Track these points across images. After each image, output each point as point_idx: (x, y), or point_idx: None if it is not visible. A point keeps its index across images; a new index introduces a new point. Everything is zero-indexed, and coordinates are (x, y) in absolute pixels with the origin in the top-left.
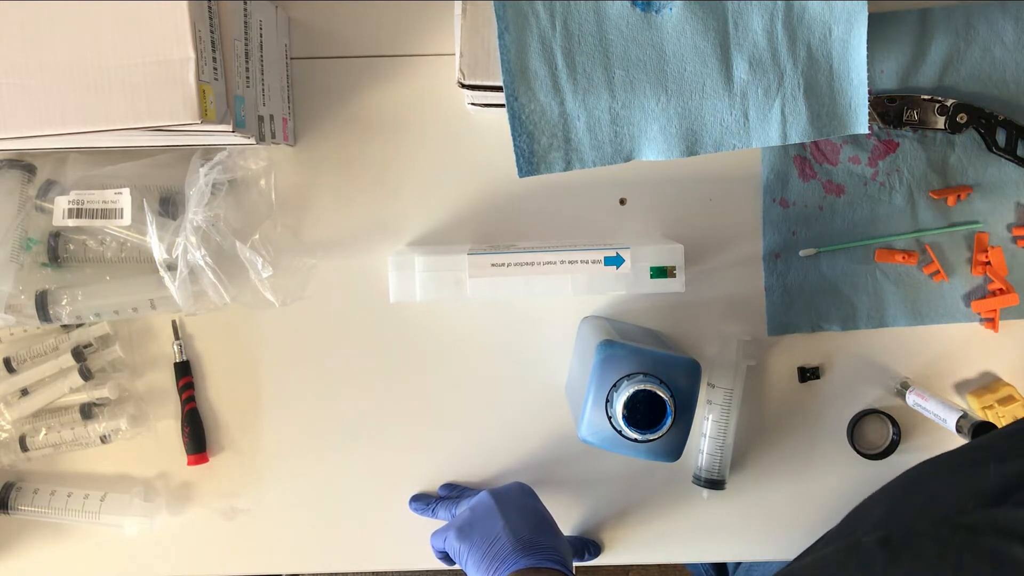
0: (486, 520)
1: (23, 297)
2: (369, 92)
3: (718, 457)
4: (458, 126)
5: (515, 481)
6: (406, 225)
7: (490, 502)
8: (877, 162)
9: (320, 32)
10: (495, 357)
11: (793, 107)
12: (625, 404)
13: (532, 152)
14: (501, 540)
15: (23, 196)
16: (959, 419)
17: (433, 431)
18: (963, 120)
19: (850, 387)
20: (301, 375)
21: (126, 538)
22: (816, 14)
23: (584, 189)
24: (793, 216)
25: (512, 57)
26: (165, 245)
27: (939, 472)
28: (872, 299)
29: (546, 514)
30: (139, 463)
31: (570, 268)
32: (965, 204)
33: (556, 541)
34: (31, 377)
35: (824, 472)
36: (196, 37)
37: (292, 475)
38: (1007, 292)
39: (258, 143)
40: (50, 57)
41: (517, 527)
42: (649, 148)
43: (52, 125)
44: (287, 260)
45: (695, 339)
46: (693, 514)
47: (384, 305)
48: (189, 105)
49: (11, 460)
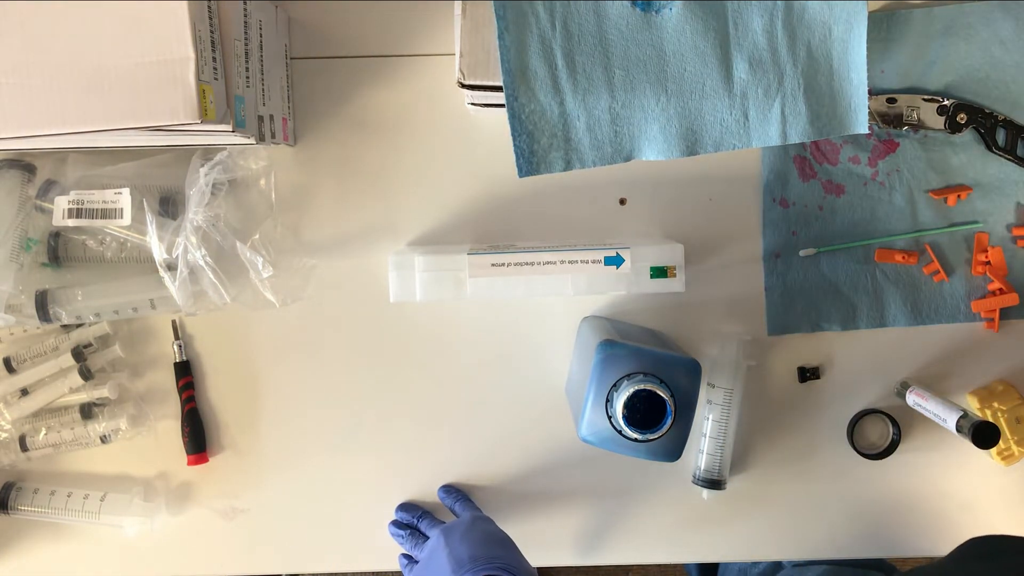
0: (433, 557)
1: (23, 297)
2: (369, 92)
3: (718, 457)
4: (458, 126)
5: (470, 514)
6: (406, 225)
7: (438, 539)
8: (877, 162)
9: (320, 32)
10: (495, 357)
11: (793, 107)
12: (625, 404)
13: (532, 152)
14: (444, 568)
15: (23, 196)
16: (959, 419)
17: (433, 430)
18: (963, 120)
19: (850, 387)
20: (301, 375)
21: (126, 538)
22: (816, 14)
23: (584, 189)
24: (793, 216)
25: (512, 57)
26: (165, 245)
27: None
28: (872, 299)
29: (497, 533)
30: (139, 463)
31: (570, 268)
32: (965, 204)
33: (503, 552)
34: (31, 377)
35: (824, 472)
36: (196, 37)
37: (292, 475)
38: (1007, 292)
39: (258, 143)
40: (50, 57)
41: (458, 551)
42: (649, 148)
43: (52, 125)
44: (287, 260)
45: (695, 339)
46: (693, 514)
47: (384, 305)
48: (189, 105)
49: (11, 460)
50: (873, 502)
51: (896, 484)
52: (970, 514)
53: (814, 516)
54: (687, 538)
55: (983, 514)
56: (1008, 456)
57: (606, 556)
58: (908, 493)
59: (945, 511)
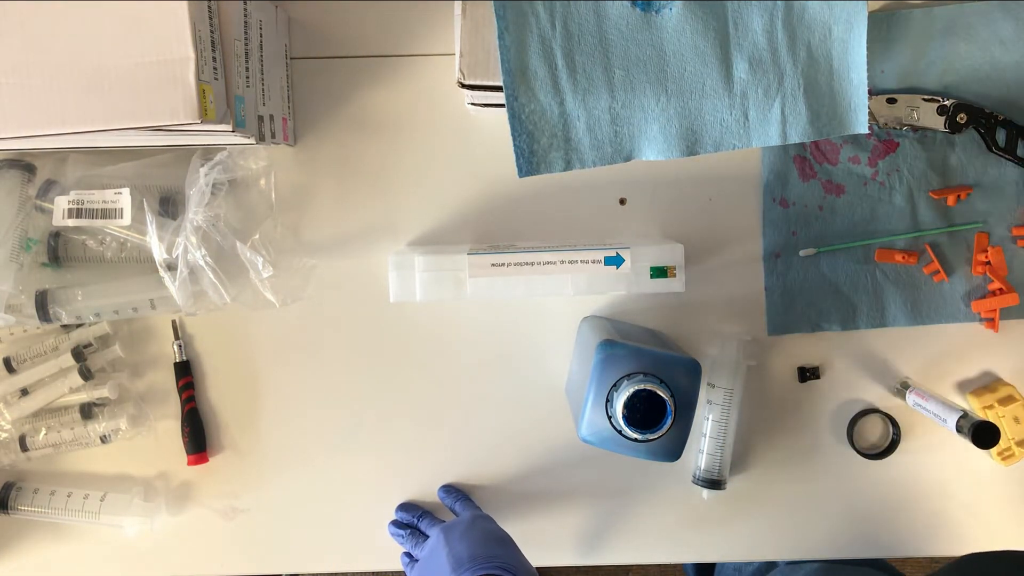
0: (433, 555)
1: (23, 297)
2: (369, 92)
3: (718, 457)
4: (458, 126)
5: (470, 513)
6: (406, 225)
7: (438, 538)
8: (877, 162)
9: (320, 32)
10: (495, 357)
11: (793, 107)
12: (625, 404)
13: (532, 152)
14: (444, 567)
15: (23, 196)
16: (959, 419)
17: (433, 430)
18: (963, 120)
19: (850, 387)
20: (301, 375)
21: (126, 538)
22: (816, 14)
23: (584, 189)
24: (793, 216)
25: (512, 57)
26: (165, 245)
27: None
28: (872, 299)
29: (497, 532)
30: (139, 463)
31: (570, 268)
32: (965, 204)
33: (503, 551)
34: (31, 377)
35: (824, 472)
36: (196, 37)
37: (292, 475)
38: (1007, 292)
39: (258, 143)
40: (50, 57)
41: (458, 549)
42: (649, 148)
43: (52, 125)
44: (287, 260)
45: (695, 339)
46: (693, 514)
47: (384, 305)
48: (189, 105)
49: (11, 460)
50: (873, 502)
51: (896, 484)
52: (970, 514)
53: (814, 516)
54: (687, 538)
55: (983, 514)
56: (1008, 456)
57: (606, 556)
58: (908, 493)
59: (945, 511)
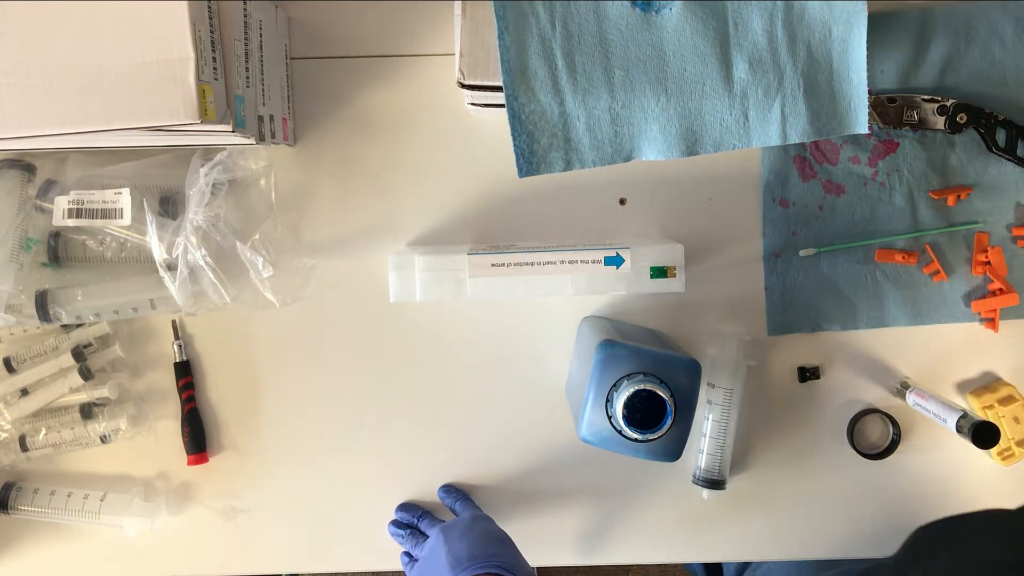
0: (432, 555)
1: (23, 297)
2: (369, 92)
3: (718, 457)
4: (458, 126)
5: (469, 513)
6: (406, 225)
7: (437, 538)
8: (877, 162)
9: (320, 32)
10: (495, 357)
11: (793, 107)
12: (625, 404)
13: (532, 152)
14: (443, 567)
15: (23, 196)
16: (959, 419)
17: (433, 430)
18: (963, 120)
19: (850, 387)
20: (301, 375)
21: (126, 538)
22: (816, 14)
23: (584, 189)
24: (793, 216)
25: (512, 57)
26: (165, 245)
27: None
28: (872, 299)
29: (496, 532)
30: (139, 463)
31: (570, 268)
32: (965, 204)
33: (502, 550)
34: (31, 377)
35: (824, 472)
36: (196, 37)
37: (292, 475)
38: (1007, 292)
39: (258, 143)
40: (50, 57)
41: (457, 549)
42: (649, 148)
43: (52, 125)
44: (287, 260)
45: (695, 339)
46: (693, 514)
47: (384, 305)
48: (189, 105)
49: (11, 460)
50: (873, 502)
51: (896, 484)
52: None
53: (814, 516)
54: (687, 538)
55: None
56: (1008, 456)
57: (606, 556)
58: (908, 493)
59: (945, 511)
